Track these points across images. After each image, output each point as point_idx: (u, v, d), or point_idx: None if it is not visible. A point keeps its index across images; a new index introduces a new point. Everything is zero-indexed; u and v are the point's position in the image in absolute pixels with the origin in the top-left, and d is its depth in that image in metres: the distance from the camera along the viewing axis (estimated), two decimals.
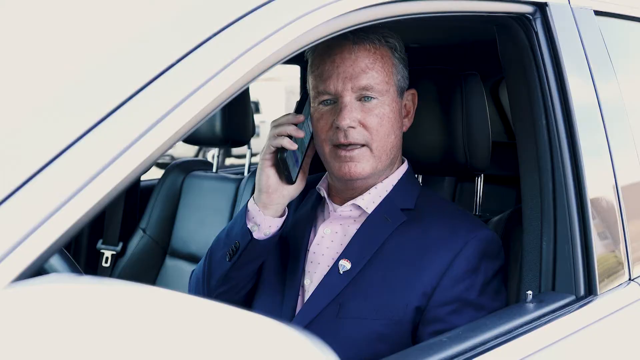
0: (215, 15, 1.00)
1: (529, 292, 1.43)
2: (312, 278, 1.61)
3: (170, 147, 0.89)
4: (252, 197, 1.61)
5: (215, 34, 0.97)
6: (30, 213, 0.79)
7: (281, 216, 1.60)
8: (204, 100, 0.91)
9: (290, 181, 1.57)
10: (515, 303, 1.55)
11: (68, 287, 0.71)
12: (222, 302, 0.76)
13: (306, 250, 1.64)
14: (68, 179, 0.81)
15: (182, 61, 0.92)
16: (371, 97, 1.54)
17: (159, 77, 0.88)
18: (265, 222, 1.57)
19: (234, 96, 0.95)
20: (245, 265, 1.62)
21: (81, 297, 0.69)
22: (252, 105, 3.00)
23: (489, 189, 1.98)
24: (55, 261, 1.45)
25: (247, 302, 1.71)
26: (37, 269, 0.79)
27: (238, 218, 1.62)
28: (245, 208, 1.60)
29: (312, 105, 1.60)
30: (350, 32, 1.52)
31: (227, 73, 0.95)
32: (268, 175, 1.57)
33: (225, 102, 0.95)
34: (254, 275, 1.68)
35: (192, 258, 2.82)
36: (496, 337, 1.27)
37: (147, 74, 0.89)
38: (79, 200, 0.81)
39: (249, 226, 1.57)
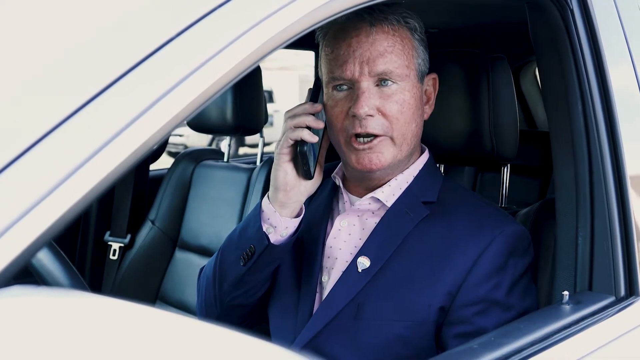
0: None
1: (565, 292, 1.32)
2: (330, 274, 1.52)
3: (166, 136, 0.78)
4: (266, 196, 1.51)
5: (214, 9, 0.86)
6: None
7: (297, 216, 1.50)
8: (203, 84, 0.81)
9: (308, 176, 1.47)
10: (547, 302, 1.46)
11: (27, 300, 0.61)
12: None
13: (323, 244, 1.55)
14: (47, 171, 0.71)
15: (173, 41, 0.81)
16: (390, 81, 1.44)
17: (146, 59, 0.78)
18: (282, 223, 1.48)
19: (235, 81, 0.84)
20: (262, 269, 1.53)
21: (40, 312, 0.60)
22: (266, 94, 2.93)
23: (510, 179, 1.90)
24: (58, 270, 1.35)
25: (262, 303, 1.63)
26: (21, 272, 0.69)
27: (252, 219, 1.52)
28: (259, 208, 1.50)
29: (325, 91, 1.50)
30: (366, 12, 1.44)
31: (228, 53, 0.84)
32: (286, 171, 1.47)
33: (226, 87, 0.84)
34: (269, 277, 1.59)
35: (202, 251, 2.73)
36: (532, 343, 1.16)
37: (135, 56, 0.79)
38: (62, 192, 0.72)
39: (264, 228, 1.48)
